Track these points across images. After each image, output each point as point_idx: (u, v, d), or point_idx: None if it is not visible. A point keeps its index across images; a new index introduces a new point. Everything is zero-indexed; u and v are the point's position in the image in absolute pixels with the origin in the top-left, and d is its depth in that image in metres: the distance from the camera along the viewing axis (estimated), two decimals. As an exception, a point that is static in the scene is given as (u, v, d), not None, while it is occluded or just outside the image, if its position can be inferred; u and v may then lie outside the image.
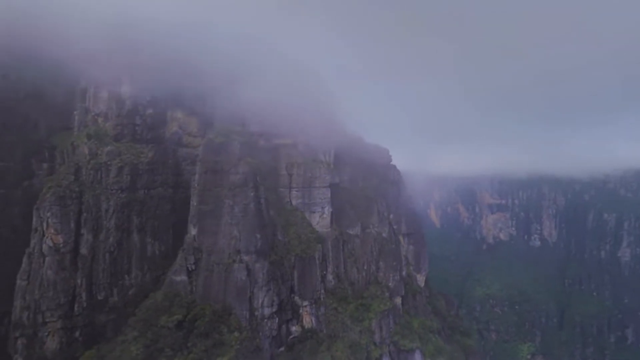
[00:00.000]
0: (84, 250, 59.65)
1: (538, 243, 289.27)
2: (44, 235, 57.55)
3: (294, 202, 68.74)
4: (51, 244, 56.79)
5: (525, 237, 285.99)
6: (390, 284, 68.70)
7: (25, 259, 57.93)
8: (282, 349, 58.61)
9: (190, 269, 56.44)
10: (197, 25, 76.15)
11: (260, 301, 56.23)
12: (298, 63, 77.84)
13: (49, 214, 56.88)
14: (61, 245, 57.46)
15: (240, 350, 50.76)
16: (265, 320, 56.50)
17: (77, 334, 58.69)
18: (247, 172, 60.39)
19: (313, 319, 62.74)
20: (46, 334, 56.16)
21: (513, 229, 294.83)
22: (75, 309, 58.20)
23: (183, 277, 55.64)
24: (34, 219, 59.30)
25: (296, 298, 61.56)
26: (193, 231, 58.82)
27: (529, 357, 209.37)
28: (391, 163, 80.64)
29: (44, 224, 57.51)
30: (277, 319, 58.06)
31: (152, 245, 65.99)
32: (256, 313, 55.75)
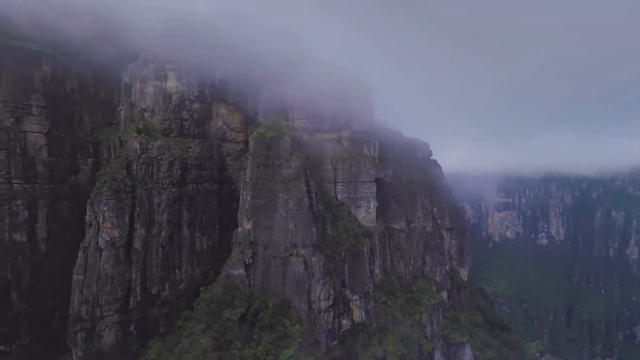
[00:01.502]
0: (137, 245, 59.76)
1: (545, 241, 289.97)
2: (99, 230, 57.61)
3: (339, 197, 68.87)
4: (107, 238, 56.88)
5: (532, 235, 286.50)
6: (437, 278, 68.97)
7: (80, 253, 58.05)
8: (335, 342, 58.76)
9: (247, 263, 56.54)
10: (238, 21, 76.05)
11: (317, 294, 56.39)
12: (338, 59, 77.81)
13: (105, 208, 56.96)
14: (117, 239, 57.58)
15: (301, 343, 50.92)
16: (322, 313, 56.67)
17: (131, 328, 58.92)
18: (299, 167, 60.52)
19: (363, 312, 62.93)
20: (103, 327, 56.38)
21: (520, 227, 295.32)
22: (131, 303, 58.41)
23: (240, 271, 55.76)
24: (88, 213, 59.40)
25: (347, 292, 61.72)
26: (247, 225, 58.88)
27: (537, 355, 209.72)
28: (431, 157, 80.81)
29: (100, 218, 57.60)
30: (332, 312, 58.24)
31: (200, 240, 66.22)
32: (313, 306, 55.92)
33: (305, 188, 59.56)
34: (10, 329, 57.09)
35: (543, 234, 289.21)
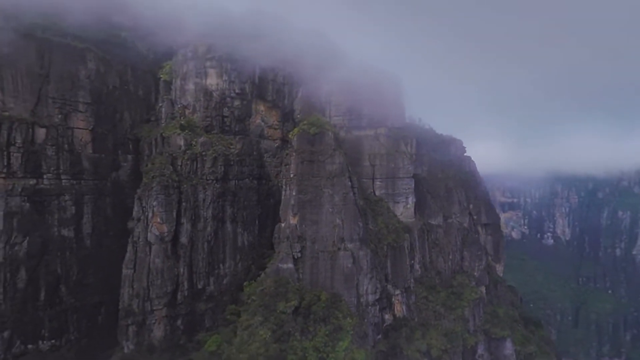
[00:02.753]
0: (183, 240, 60.35)
1: (551, 241, 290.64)
2: (147, 224, 58.19)
3: (377, 193, 69.56)
4: (157, 233, 57.46)
5: (538, 235, 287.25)
6: (475, 273, 69.62)
7: (130, 248, 58.65)
8: (379, 336, 59.37)
9: (295, 257, 57.15)
10: (275, 19, 76.80)
11: (365, 288, 57.02)
12: (371, 57, 78.65)
13: (155, 203, 57.55)
14: (165, 234, 58.15)
15: (353, 336, 51.52)
16: (369, 307, 57.31)
17: (178, 322, 59.49)
18: (342, 162, 61.27)
19: (404, 307, 63.55)
20: (153, 321, 56.91)
21: (525, 227, 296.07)
22: (178, 297, 58.99)
23: (289, 265, 56.35)
24: (136, 208, 60.05)
25: (389, 286, 62.31)
26: (292, 220, 59.49)
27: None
28: (465, 154, 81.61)
29: (149, 213, 58.18)
30: (377, 306, 58.84)
31: (241, 236, 66.84)
32: (361, 300, 56.56)
33: (349, 183, 60.30)
34: (59, 323, 57.69)
35: (549, 234, 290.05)
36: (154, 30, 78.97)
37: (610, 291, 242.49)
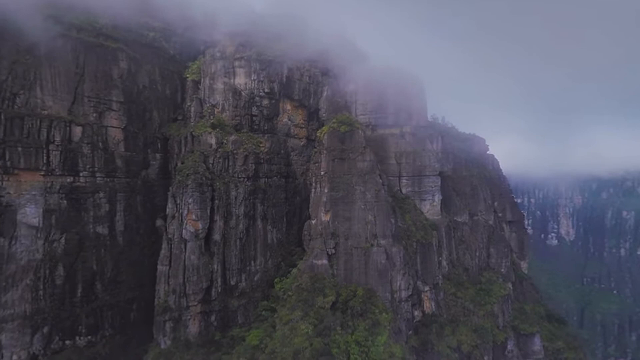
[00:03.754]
0: (216, 237, 60.97)
1: (555, 242, 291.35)
2: (182, 222, 58.82)
3: (403, 190, 70.23)
4: (192, 230, 58.07)
5: (542, 236, 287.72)
6: (502, 270, 70.28)
7: (164, 245, 59.27)
8: (410, 332, 59.94)
9: (329, 253, 57.78)
10: (300, 19, 77.62)
11: (398, 284, 57.64)
12: (395, 57, 79.44)
13: (190, 200, 58.20)
14: (200, 231, 58.76)
15: (389, 331, 52.11)
16: (402, 303, 57.92)
17: (212, 318, 60.08)
18: (373, 160, 62.04)
19: (433, 303, 64.15)
20: (188, 317, 57.47)
21: (529, 227, 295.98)
22: (212, 293, 59.57)
23: (324, 261, 56.97)
24: (170, 205, 60.68)
25: (419, 283, 62.89)
26: (324, 217, 60.16)
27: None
28: (488, 152, 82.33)
29: (183, 211, 58.80)
30: (409, 302, 59.48)
31: (271, 233, 67.48)
32: (395, 296, 57.15)
33: (380, 180, 61.01)
34: (95, 319, 58.26)
35: (553, 234, 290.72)
36: (180, 31, 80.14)
37: (615, 291, 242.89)
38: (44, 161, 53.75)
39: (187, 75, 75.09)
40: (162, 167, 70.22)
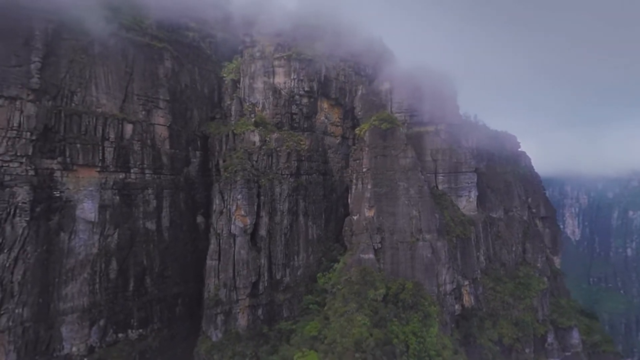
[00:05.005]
0: (262, 232, 62.20)
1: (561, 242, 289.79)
2: (230, 217, 60.02)
3: (440, 187, 71.51)
4: (241, 225, 59.28)
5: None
6: (538, 265, 71.51)
7: (213, 240, 60.48)
8: (452, 325, 61.05)
9: (376, 248, 58.98)
10: (335, 19, 79.01)
11: (443, 278, 58.84)
12: (427, 57, 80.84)
13: (239, 197, 59.43)
14: (248, 226, 59.98)
15: (438, 323, 53.29)
16: (447, 296, 59.11)
17: (259, 311, 61.21)
18: (414, 156, 63.33)
19: (472, 297, 65.31)
20: (238, 311, 58.61)
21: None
22: (260, 287, 60.72)
23: (370, 255, 58.16)
24: (217, 202, 62.00)
25: (459, 277, 64.06)
26: (368, 213, 61.38)
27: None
28: (519, 149, 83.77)
29: (231, 206, 60.02)
30: (453, 295, 60.66)
31: (311, 229, 68.70)
32: (440, 289, 58.33)
33: (422, 177, 62.27)
34: (146, 313, 59.37)
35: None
36: (214, 31, 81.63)
37: (622, 291, 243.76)
38: (100, 158, 55.00)
39: (225, 75, 76.47)
40: (201, 164, 71.46)
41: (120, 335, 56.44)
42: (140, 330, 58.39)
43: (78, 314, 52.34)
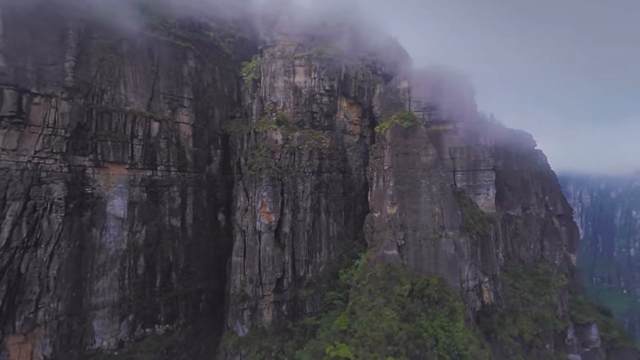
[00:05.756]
0: (286, 229, 62.94)
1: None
2: (255, 214, 60.79)
3: (458, 185, 72.26)
4: (266, 222, 60.05)
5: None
6: (557, 262, 72.30)
7: (239, 237, 61.23)
8: (471, 321, 61.75)
9: (399, 244, 59.75)
10: (353, 18, 79.78)
11: (466, 274, 59.61)
12: (444, 56, 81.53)
13: (264, 194, 60.20)
14: (273, 223, 60.75)
15: (463, 318, 54.06)
16: (470, 292, 59.88)
17: (283, 307, 61.96)
18: (435, 154, 64.11)
19: (492, 294, 66.03)
20: (263, 306, 59.38)
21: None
22: (284, 283, 61.48)
23: (394, 252, 58.91)
24: (241, 199, 62.65)
25: (479, 274, 64.79)
26: (390, 210, 62.16)
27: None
28: (535, 148, 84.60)
29: (256, 204, 60.78)
30: (475, 291, 61.43)
31: (332, 226, 69.46)
32: (463, 285, 59.09)
33: (444, 174, 63.07)
34: (172, 309, 60.17)
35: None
36: (233, 31, 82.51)
37: (625, 291, 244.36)
38: (129, 155, 55.84)
39: (244, 74, 77.34)
40: (222, 162, 72.28)
41: (147, 330, 57.24)
42: (167, 326, 59.18)
43: (109, 309, 53.16)
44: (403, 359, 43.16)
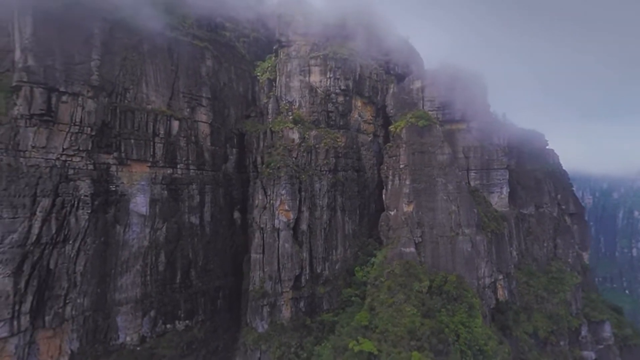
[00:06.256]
0: (303, 227, 63.64)
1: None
2: (273, 212, 61.50)
3: (472, 183, 72.99)
4: (285, 220, 60.77)
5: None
6: (569, 260, 73.03)
7: (257, 234, 61.93)
8: (487, 317, 62.44)
9: (416, 242, 60.46)
10: (367, 19, 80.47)
11: (482, 271, 60.35)
12: (458, 56, 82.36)
13: (283, 192, 60.94)
14: (291, 221, 61.46)
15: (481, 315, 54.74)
16: (486, 289, 60.59)
17: (301, 304, 62.64)
18: (451, 153, 64.87)
19: (506, 291, 66.74)
20: (282, 303, 60.08)
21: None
22: (302, 280, 62.18)
23: (411, 249, 59.64)
24: (259, 196, 63.38)
25: (495, 271, 65.48)
26: (407, 208, 62.88)
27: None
28: (547, 147, 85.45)
29: (275, 201, 61.50)
30: (491, 288, 62.13)
31: (347, 224, 70.16)
32: (480, 282, 59.81)
33: (460, 173, 63.76)
34: (192, 305, 60.87)
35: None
36: (247, 31, 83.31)
37: (627, 291, 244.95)
38: (151, 153, 56.56)
39: (259, 74, 78.13)
40: (237, 161, 73.00)
41: (168, 326, 57.94)
42: (187, 322, 59.89)
43: (132, 305, 53.87)
44: (427, 354, 43.87)
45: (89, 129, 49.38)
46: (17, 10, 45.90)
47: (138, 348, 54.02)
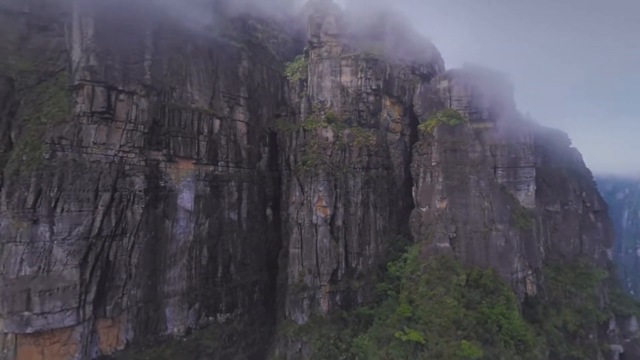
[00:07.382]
0: (339, 222, 65.42)
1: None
2: (310, 208, 63.24)
3: (499, 181, 74.47)
4: (322, 215, 62.52)
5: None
6: (595, 256, 74.67)
7: (296, 229, 63.66)
8: (520, 310, 64.03)
9: (451, 237, 62.14)
10: (396, 20, 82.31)
11: (515, 265, 62.01)
12: (484, 51, 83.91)
13: (321, 189, 62.72)
14: (328, 217, 63.19)
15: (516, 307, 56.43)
16: (519, 283, 62.24)
17: (337, 297, 64.38)
18: (482, 151, 66.62)
19: (534, 286, 68.31)
20: (320, 296, 61.79)
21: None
22: (338, 274, 63.91)
23: (446, 244, 61.32)
24: (297, 193, 65.16)
25: (526, 266, 67.04)
26: (440, 204, 64.61)
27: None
28: (570, 146, 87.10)
29: (312, 198, 63.26)
30: (523, 283, 63.76)
31: (379, 220, 71.88)
32: (513, 276, 61.46)
33: (492, 170, 65.42)
34: (232, 298, 62.60)
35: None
36: (276, 32, 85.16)
37: (632, 292, 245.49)
38: (196, 150, 58.38)
39: (288, 74, 79.95)
40: (269, 159, 74.79)
41: (210, 318, 59.71)
42: (227, 315, 61.65)
43: (179, 297, 55.62)
44: (475, 342, 45.53)
45: (142, 126, 51.24)
46: (77, 11, 47.78)
47: (184, 339, 55.73)
